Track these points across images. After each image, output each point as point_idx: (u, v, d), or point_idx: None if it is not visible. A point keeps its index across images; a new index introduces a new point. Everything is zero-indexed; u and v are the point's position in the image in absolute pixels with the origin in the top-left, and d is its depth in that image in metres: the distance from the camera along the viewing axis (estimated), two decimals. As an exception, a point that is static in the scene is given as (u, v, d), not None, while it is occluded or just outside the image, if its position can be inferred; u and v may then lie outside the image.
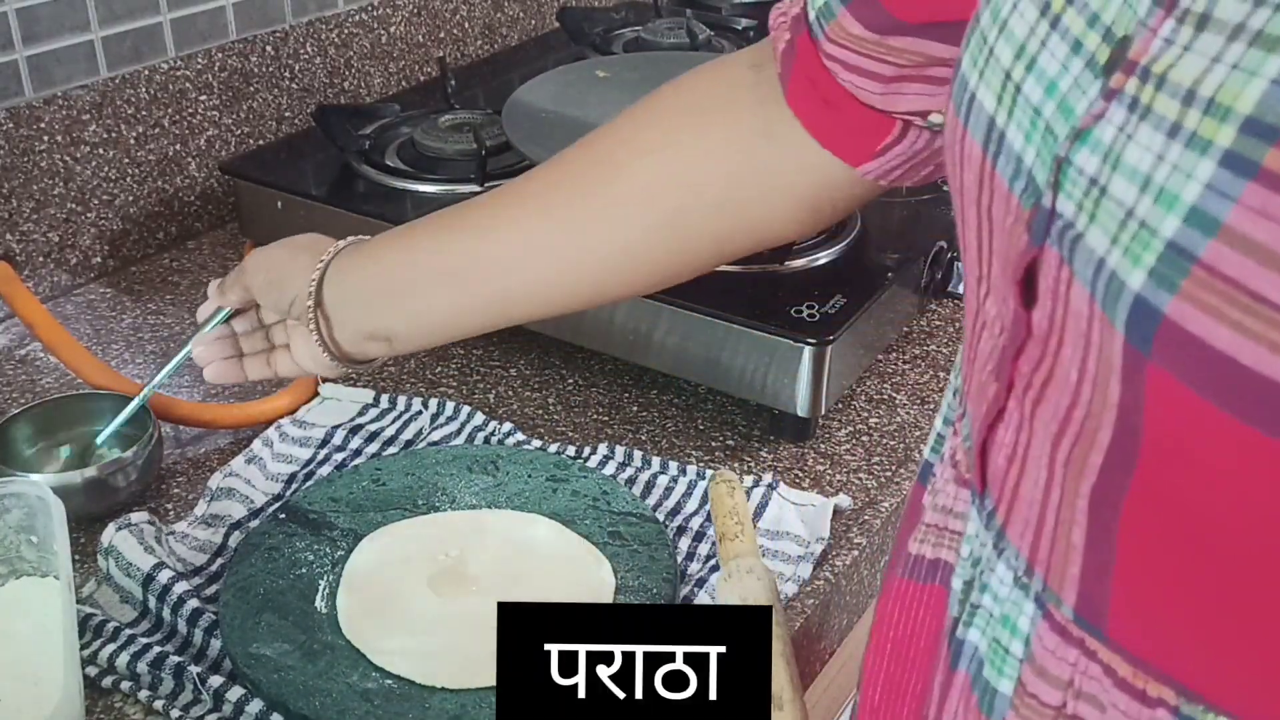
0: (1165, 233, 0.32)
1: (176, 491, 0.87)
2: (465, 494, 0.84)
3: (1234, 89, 0.31)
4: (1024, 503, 0.42)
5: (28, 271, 1.09)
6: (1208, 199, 0.31)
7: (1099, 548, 0.38)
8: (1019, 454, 0.42)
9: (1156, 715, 0.38)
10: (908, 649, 0.52)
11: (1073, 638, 0.40)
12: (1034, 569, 0.42)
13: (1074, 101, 0.37)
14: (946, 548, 0.50)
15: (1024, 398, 0.41)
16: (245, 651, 0.71)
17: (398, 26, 1.38)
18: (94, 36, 1.11)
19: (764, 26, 1.70)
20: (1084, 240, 0.35)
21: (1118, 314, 0.34)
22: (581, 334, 0.98)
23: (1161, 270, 0.32)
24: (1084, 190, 0.36)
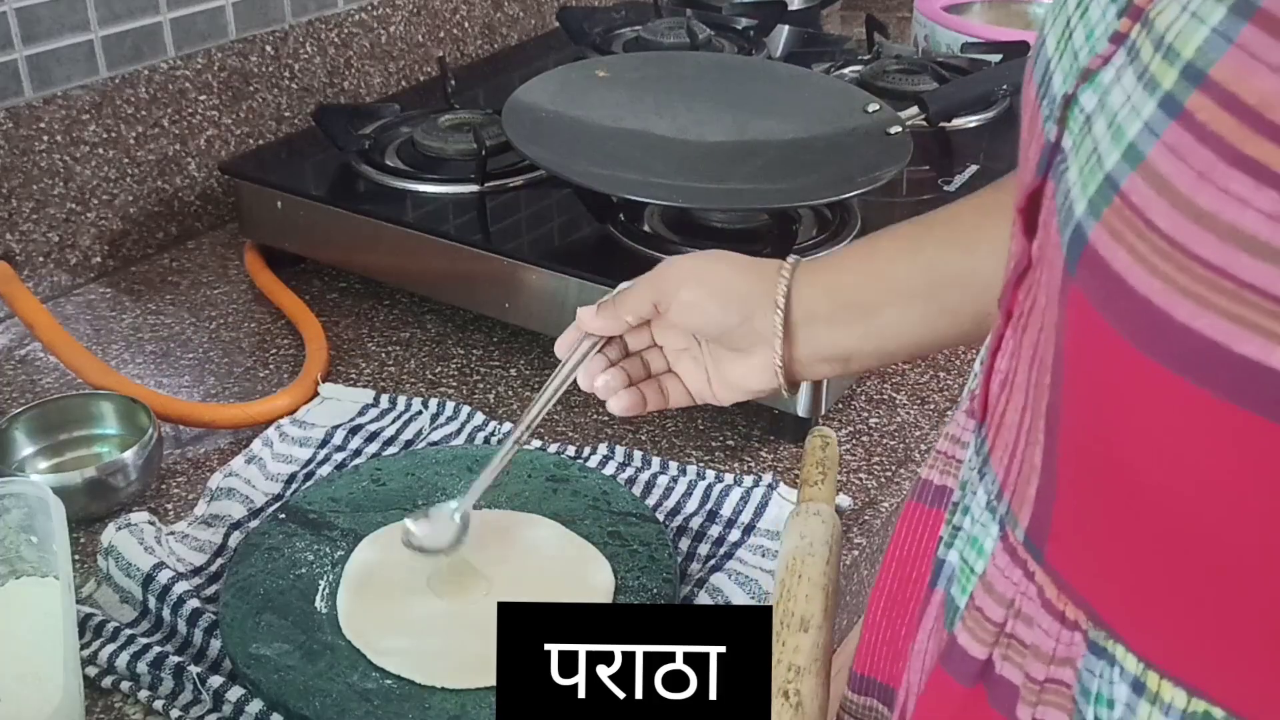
0: (1107, 165, 0.34)
1: (176, 491, 0.87)
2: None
3: (1186, 36, 0.33)
4: (1007, 427, 0.44)
5: (28, 271, 1.09)
6: (1141, 136, 0.33)
7: (1049, 469, 0.40)
8: (1009, 380, 0.44)
9: (1073, 639, 0.40)
10: (910, 569, 0.54)
11: (1019, 559, 0.42)
12: (1004, 491, 0.44)
13: (1097, 45, 0.39)
14: (952, 475, 0.52)
15: (1017, 325, 0.44)
16: (245, 651, 0.70)
17: (398, 26, 1.38)
18: (94, 36, 1.11)
19: (764, 26, 1.68)
20: (1067, 173, 0.37)
21: (1064, 240, 0.36)
22: (581, 334, 0.98)
23: (1096, 200, 0.35)
24: (1080, 127, 0.37)
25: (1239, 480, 0.33)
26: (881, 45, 1.45)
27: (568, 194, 1.04)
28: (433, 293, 1.07)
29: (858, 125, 1.11)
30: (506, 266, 0.99)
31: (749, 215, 1.04)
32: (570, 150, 1.03)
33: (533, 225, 1.05)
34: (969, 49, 1.46)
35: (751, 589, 0.77)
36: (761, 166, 1.03)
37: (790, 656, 0.61)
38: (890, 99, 1.18)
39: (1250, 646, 0.35)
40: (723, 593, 0.76)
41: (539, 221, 1.05)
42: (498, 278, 0.99)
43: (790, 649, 0.61)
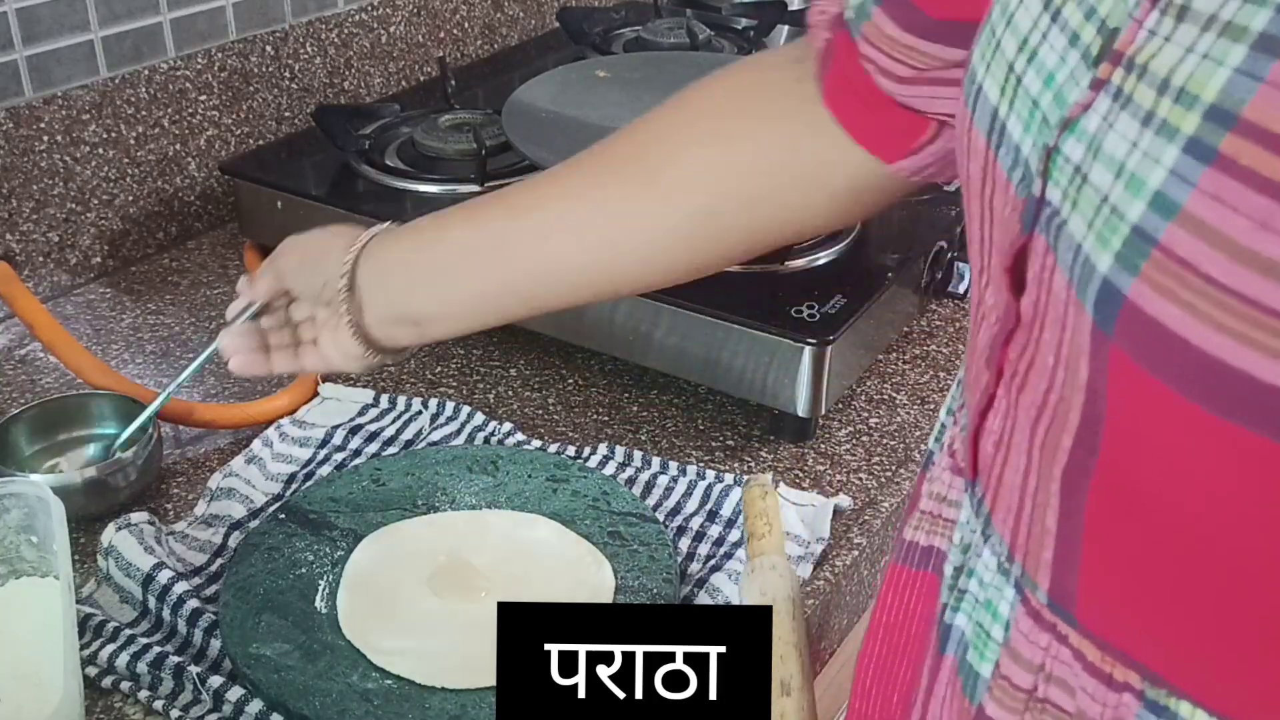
0: (1131, 217, 0.33)
1: (176, 491, 0.87)
2: (465, 494, 0.84)
3: (1201, 78, 0.32)
4: (1007, 489, 0.43)
5: (28, 271, 1.09)
6: (1170, 184, 0.32)
7: (1070, 532, 0.39)
8: (1004, 440, 0.43)
9: (1123, 700, 0.39)
10: (900, 634, 0.53)
11: (1045, 622, 0.41)
12: (1014, 555, 0.43)
13: (1068, 92, 0.38)
14: (940, 535, 0.51)
15: (1010, 384, 0.42)
16: (245, 651, 0.71)
17: (398, 26, 1.38)
18: (94, 36, 1.11)
19: (764, 26, 1.69)
20: (1066, 227, 0.36)
21: (1088, 296, 0.35)
22: (581, 334, 0.98)
23: (1126, 253, 0.33)
24: (1069, 178, 0.36)
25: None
26: (881, 45, 1.45)
27: (568, 194, 1.04)
28: (433, 293, 1.07)
29: (858, 125, 1.10)
30: (506, 266, 0.98)
31: (749, 215, 1.04)
32: (570, 150, 1.02)
33: (533, 225, 1.05)
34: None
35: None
36: (761, 166, 1.03)
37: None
38: (890, 99, 1.18)
39: None
40: (723, 593, 0.76)
41: (539, 221, 1.05)
42: (498, 278, 0.99)
43: (777, 715, 0.60)
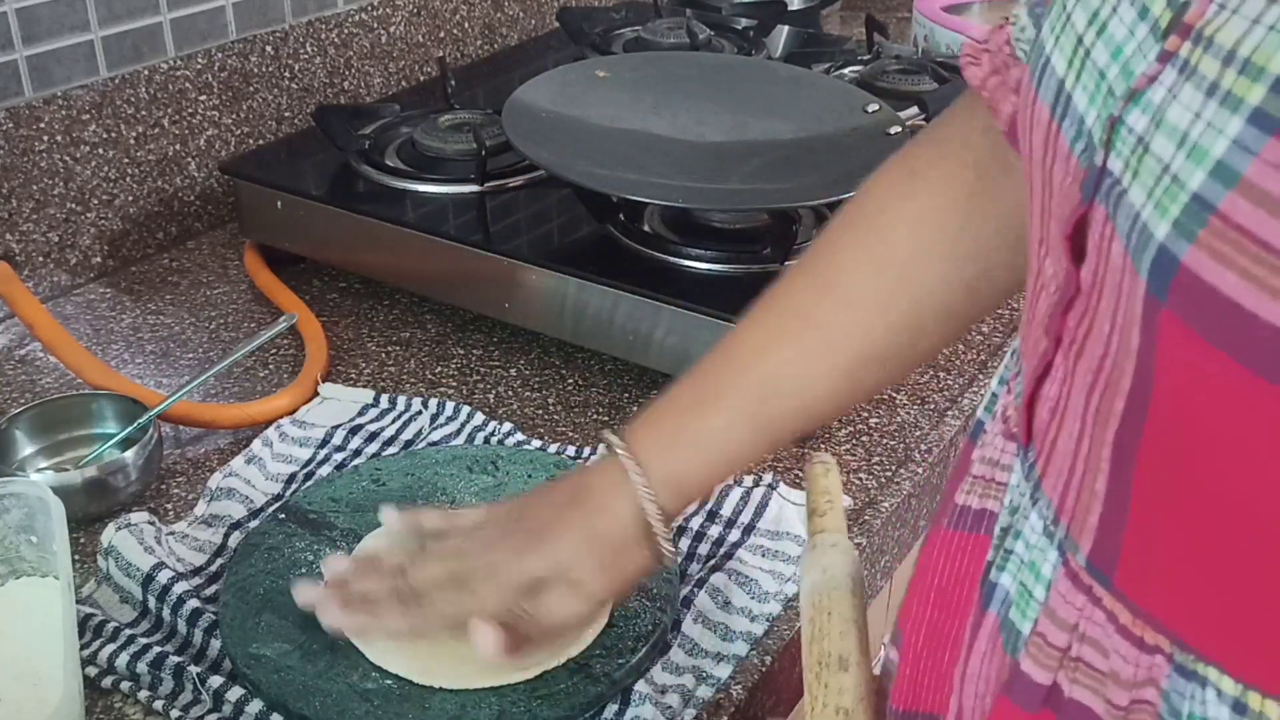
0: (1192, 185, 0.34)
1: (176, 491, 0.87)
2: (465, 494, 0.84)
3: (1268, 50, 0.32)
4: (1059, 454, 0.44)
5: (28, 271, 1.09)
6: (1232, 153, 0.33)
7: (1117, 496, 0.40)
8: (1060, 407, 0.44)
9: (1154, 661, 0.40)
10: (951, 596, 0.54)
11: (1082, 584, 0.42)
12: (1060, 518, 0.44)
13: (1135, 65, 0.38)
14: (992, 498, 0.52)
15: (1069, 352, 0.43)
16: (245, 651, 0.70)
17: (398, 26, 1.38)
18: (94, 36, 1.11)
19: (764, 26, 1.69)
20: (1126, 196, 0.37)
21: (1143, 263, 0.35)
22: (581, 334, 0.98)
23: (1184, 221, 0.34)
24: (1131, 148, 0.37)
25: None
26: (881, 45, 1.45)
27: (568, 194, 1.05)
28: (433, 293, 1.07)
29: (858, 125, 1.11)
30: (506, 266, 0.99)
31: (749, 215, 1.04)
32: (570, 150, 1.03)
33: (532, 225, 1.05)
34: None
35: (752, 589, 0.77)
36: (761, 166, 1.03)
37: (835, 699, 0.60)
38: (890, 99, 1.18)
39: None
40: (723, 593, 0.76)
41: (539, 221, 1.05)
42: (498, 278, 0.99)
43: (835, 690, 0.60)
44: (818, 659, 0.62)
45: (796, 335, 0.67)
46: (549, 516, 0.67)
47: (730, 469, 0.68)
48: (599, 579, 0.66)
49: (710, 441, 0.67)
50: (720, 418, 0.67)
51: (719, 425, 0.67)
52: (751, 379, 0.67)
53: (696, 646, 0.74)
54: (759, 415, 0.66)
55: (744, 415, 0.66)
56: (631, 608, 0.74)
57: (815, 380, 0.67)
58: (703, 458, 0.67)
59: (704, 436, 0.67)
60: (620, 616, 0.73)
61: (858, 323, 0.66)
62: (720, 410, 0.67)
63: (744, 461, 0.68)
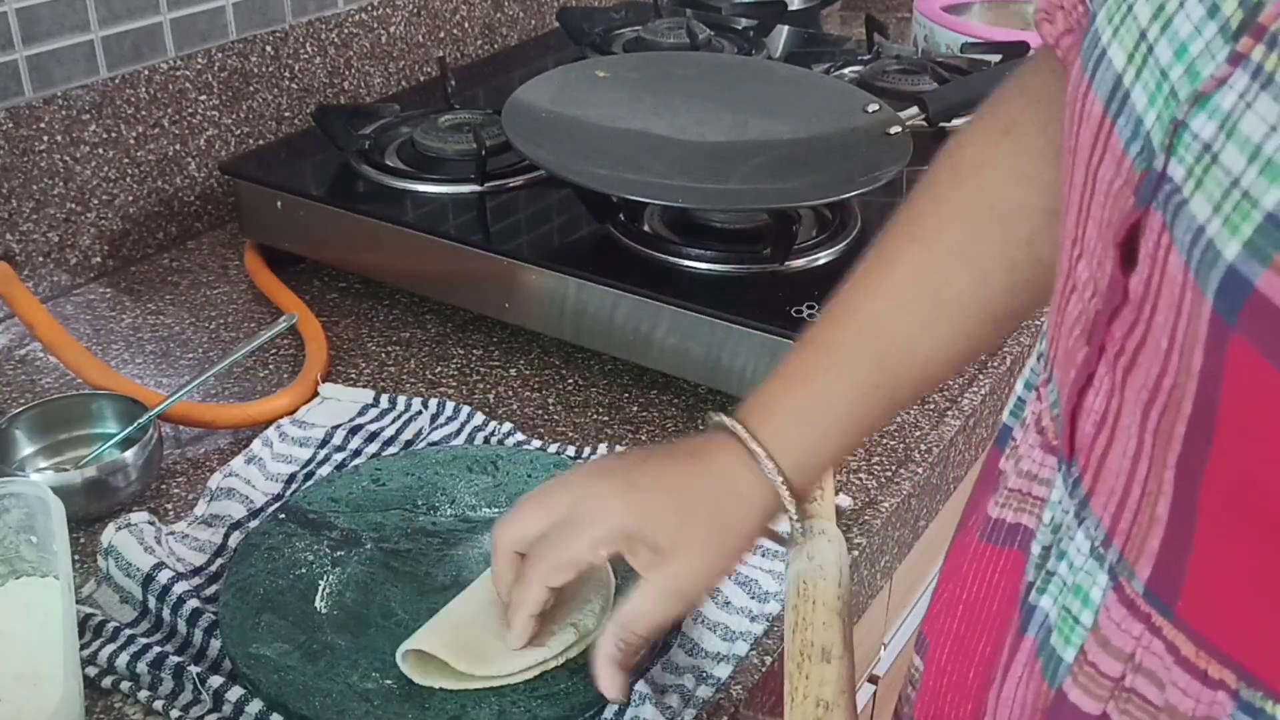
0: (1267, 205, 0.32)
1: (176, 491, 0.87)
2: (465, 494, 0.84)
3: None
4: (1110, 472, 0.42)
5: (28, 271, 1.09)
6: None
7: (1182, 522, 0.38)
8: (1109, 421, 0.42)
9: (1217, 697, 0.38)
10: (979, 611, 0.52)
11: (1140, 612, 0.40)
12: (1112, 540, 0.42)
13: (1201, 66, 0.36)
14: (1028, 513, 0.50)
15: (1115, 364, 0.41)
16: (245, 651, 0.70)
17: (398, 26, 1.38)
18: (94, 36, 1.11)
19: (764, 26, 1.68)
20: (1187, 207, 0.35)
21: (1209, 283, 0.34)
22: (581, 334, 0.98)
23: (1257, 241, 0.32)
24: (1196, 156, 0.35)
25: None
26: (881, 45, 1.45)
27: (568, 194, 1.05)
28: (433, 293, 1.07)
29: (858, 125, 1.11)
30: (506, 266, 0.99)
31: (749, 215, 1.04)
32: (570, 150, 1.03)
33: (533, 225, 1.05)
34: (969, 49, 1.47)
35: (752, 589, 0.77)
36: (761, 166, 1.03)
37: (816, 690, 0.59)
38: (890, 99, 1.18)
39: None
40: (722, 592, 0.76)
41: (539, 221, 1.05)
42: (498, 278, 0.99)
43: (815, 682, 0.59)
44: (800, 649, 0.61)
45: (913, 298, 0.64)
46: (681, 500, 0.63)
47: (857, 439, 0.65)
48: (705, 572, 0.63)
49: (834, 413, 0.64)
50: (842, 386, 0.64)
51: (841, 395, 0.64)
52: (872, 345, 0.64)
53: (696, 646, 0.74)
54: (881, 380, 0.64)
55: (865, 381, 0.64)
56: (631, 608, 0.74)
57: (937, 343, 0.64)
58: (828, 431, 0.64)
59: (827, 408, 0.64)
60: (620, 616, 0.73)
61: (979, 284, 0.63)
62: (841, 377, 0.64)
63: (869, 430, 0.65)
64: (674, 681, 0.71)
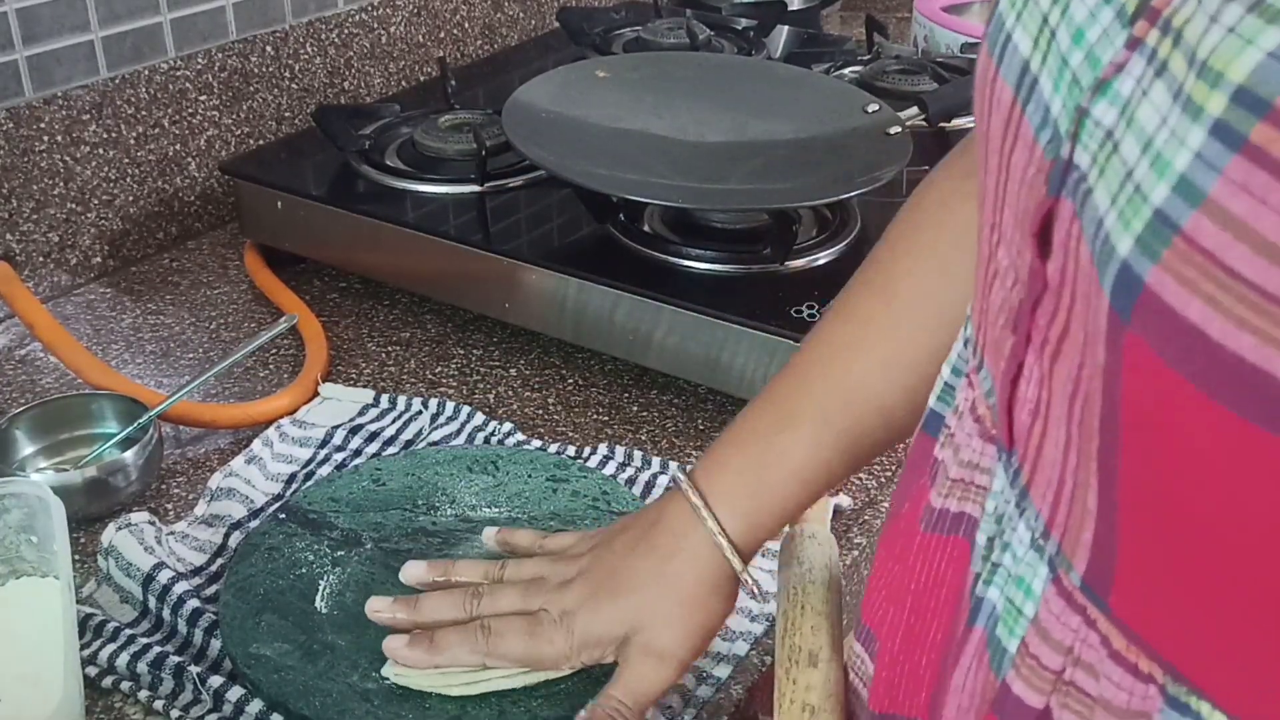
0: (1155, 200, 0.32)
1: (176, 491, 0.87)
2: (465, 494, 0.84)
3: (1227, 54, 0.30)
4: (1047, 463, 0.41)
5: (28, 271, 1.09)
6: (1195, 169, 0.30)
7: (1107, 516, 0.38)
8: (1041, 411, 0.42)
9: (1148, 692, 0.38)
10: (928, 599, 0.52)
11: (1077, 604, 0.40)
12: (1050, 531, 0.41)
13: (1101, 51, 0.36)
14: (971, 501, 0.50)
15: (1042, 352, 0.41)
16: (245, 651, 0.71)
17: (398, 26, 1.38)
18: (94, 36, 1.11)
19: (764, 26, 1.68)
20: (1092, 196, 0.35)
21: (1106, 278, 0.34)
22: (581, 334, 0.98)
23: (1147, 238, 0.32)
24: (1099, 144, 0.35)
25: None
26: (881, 45, 1.45)
27: (568, 194, 1.05)
28: (433, 293, 1.07)
29: (858, 125, 1.11)
30: (506, 266, 0.99)
31: (749, 215, 1.04)
32: (570, 150, 1.03)
33: (533, 225, 1.05)
34: (969, 49, 1.47)
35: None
36: (761, 166, 1.03)
37: (803, 695, 0.59)
38: (890, 99, 1.18)
39: None
40: (723, 593, 0.76)
41: (539, 221, 1.05)
42: (498, 278, 1.00)
43: (802, 687, 0.59)
44: (788, 654, 0.61)
45: (871, 345, 0.64)
46: (623, 566, 0.65)
47: (812, 492, 0.65)
48: (679, 640, 0.64)
49: (787, 466, 0.64)
50: (796, 438, 0.64)
51: (795, 448, 0.64)
52: (828, 394, 0.64)
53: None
54: (838, 432, 0.64)
55: (823, 433, 0.64)
56: (631, 608, 0.74)
57: (893, 388, 0.63)
58: (780, 484, 0.64)
59: (780, 462, 0.64)
60: (620, 616, 0.73)
61: (933, 329, 0.62)
62: (796, 430, 0.64)
63: (826, 484, 0.65)
64: (674, 681, 0.71)
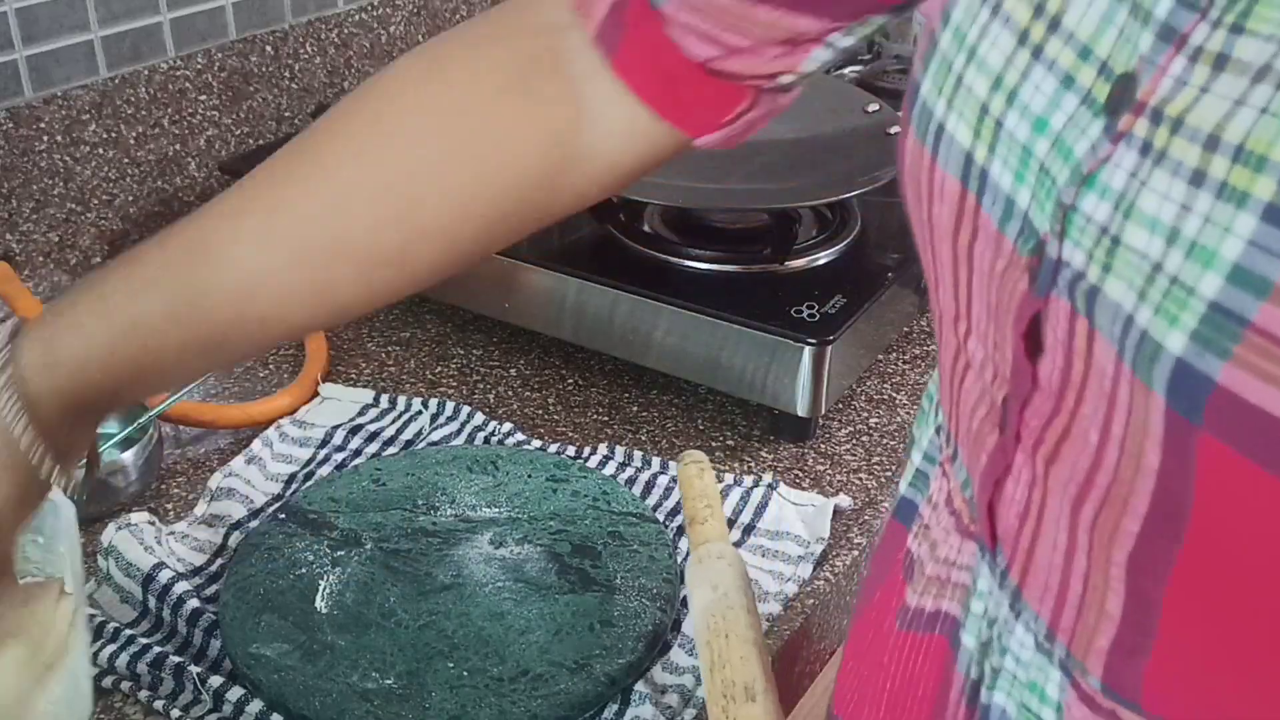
0: (1206, 292, 0.30)
1: (176, 491, 0.87)
2: (465, 494, 0.84)
3: (1266, 136, 0.29)
4: (1041, 566, 0.40)
5: (28, 271, 1.09)
6: (1253, 257, 0.29)
7: (1139, 618, 0.36)
8: (1032, 513, 0.40)
9: None
10: (905, 698, 0.50)
11: (1101, 708, 0.38)
12: (1056, 635, 0.40)
13: (1072, 141, 0.35)
14: (949, 599, 0.48)
15: (1034, 454, 0.39)
16: (245, 651, 0.71)
17: (398, 26, 1.38)
18: (94, 36, 1.11)
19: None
20: (1103, 293, 0.33)
21: (1154, 378, 0.31)
22: (581, 334, 0.98)
23: (1206, 333, 0.30)
24: (1094, 239, 0.33)
25: None
26: (881, 45, 1.45)
27: (568, 194, 1.04)
28: (433, 293, 1.07)
29: (858, 125, 1.11)
30: (506, 266, 0.99)
31: (749, 215, 1.04)
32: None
33: (533, 225, 1.05)
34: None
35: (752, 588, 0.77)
36: (761, 166, 1.03)
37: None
38: (890, 99, 1.18)
39: None
40: (723, 593, 0.76)
41: (539, 221, 1.05)
42: (497, 278, 0.99)
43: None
44: (722, 690, 0.58)
45: (256, 208, 0.57)
46: None
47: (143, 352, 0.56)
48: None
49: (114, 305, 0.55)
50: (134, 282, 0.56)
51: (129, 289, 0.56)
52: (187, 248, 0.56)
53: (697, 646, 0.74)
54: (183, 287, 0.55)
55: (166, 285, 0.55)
56: (631, 608, 0.74)
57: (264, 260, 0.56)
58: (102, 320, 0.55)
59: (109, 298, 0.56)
60: (620, 616, 0.73)
61: (335, 204, 0.56)
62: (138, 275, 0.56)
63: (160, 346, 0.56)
64: (674, 681, 0.71)
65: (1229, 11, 0.31)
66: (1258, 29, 0.30)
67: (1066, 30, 0.36)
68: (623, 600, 0.75)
